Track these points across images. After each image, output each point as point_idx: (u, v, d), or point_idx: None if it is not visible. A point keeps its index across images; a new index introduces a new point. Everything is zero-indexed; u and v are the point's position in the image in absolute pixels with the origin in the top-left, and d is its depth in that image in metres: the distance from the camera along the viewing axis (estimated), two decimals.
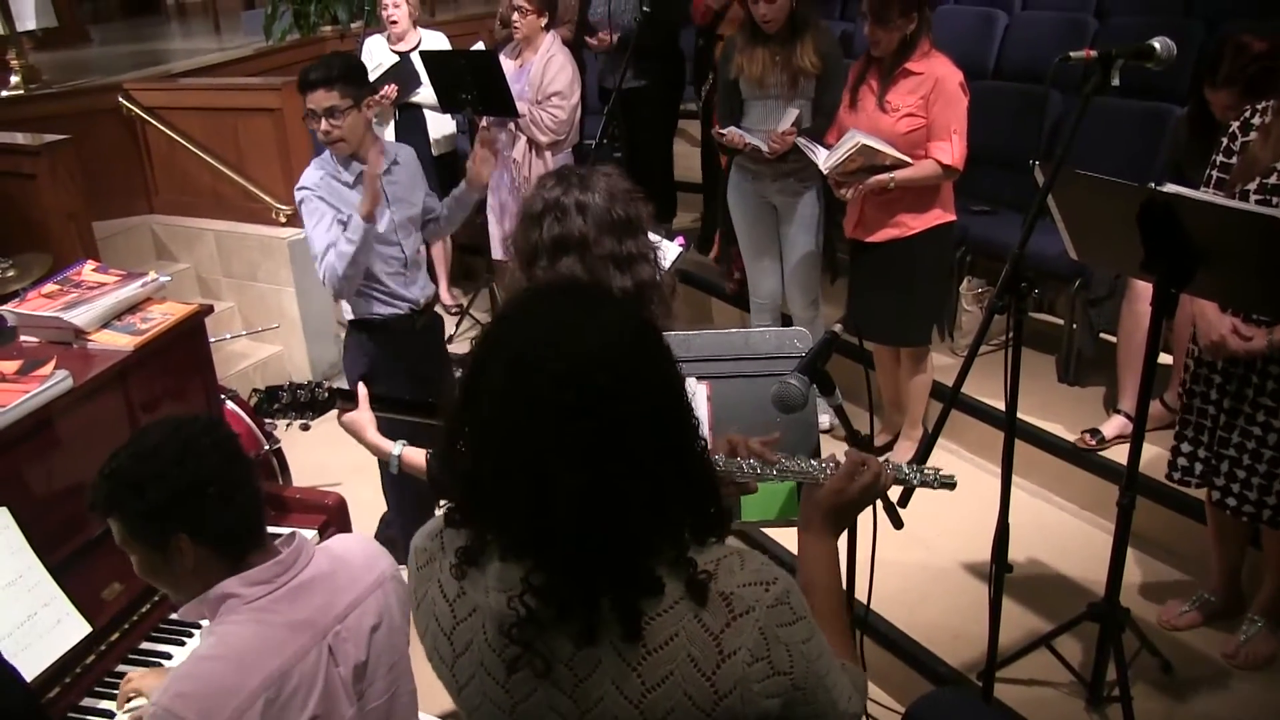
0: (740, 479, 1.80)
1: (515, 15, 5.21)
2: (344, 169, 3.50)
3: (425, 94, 5.51)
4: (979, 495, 3.95)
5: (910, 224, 3.92)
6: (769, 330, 2.36)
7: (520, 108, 5.11)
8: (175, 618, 2.61)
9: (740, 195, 4.58)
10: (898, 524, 2.26)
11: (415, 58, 5.47)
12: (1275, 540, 3.09)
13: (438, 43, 5.78)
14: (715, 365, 2.35)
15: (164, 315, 3.02)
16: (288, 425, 3.24)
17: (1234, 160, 2.87)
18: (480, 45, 6.10)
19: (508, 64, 5.21)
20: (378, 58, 5.70)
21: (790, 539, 3.77)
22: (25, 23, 6.71)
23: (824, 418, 3.60)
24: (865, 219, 4.03)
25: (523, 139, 5.22)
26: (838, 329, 2.21)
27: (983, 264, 4.89)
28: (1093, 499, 3.93)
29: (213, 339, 3.33)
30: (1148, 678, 3.13)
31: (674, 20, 5.81)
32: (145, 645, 2.59)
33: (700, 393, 2.29)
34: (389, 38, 5.70)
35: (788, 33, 4.12)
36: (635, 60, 5.42)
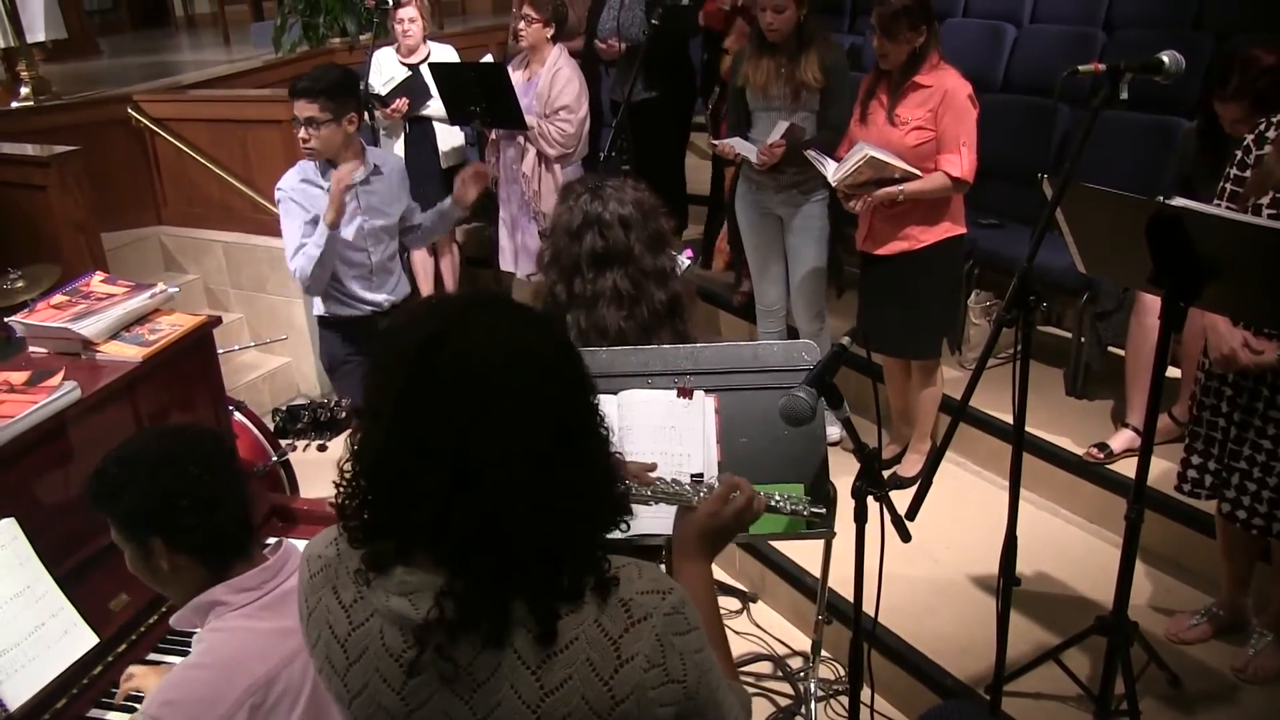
0: None
1: (521, 24, 5.23)
2: (322, 175, 3.70)
3: (434, 106, 5.51)
4: (987, 508, 3.97)
5: (920, 237, 3.92)
6: (777, 343, 2.37)
7: (528, 121, 5.12)
8: (171, 626, 2.61)
9: (746, 206, 4.59)
10: (905, 537, 2.26)
11: (424, 70, 5.48)
12: None
13: (447, 55, 5.79)
14: (723, 378, 2.35)
15: (172, 326, 3.03)
16: (305, 447, 3.29)
17: (1248, 173, 2.87)
18: (489, 57, 6.12)
19: (516, 76, 5.23)
20: (387, 70, 5.70)
21: (797, 550, 3.79)
22: (35, 34, 6.75)
23: (832, 430, 3.61)
24: (875, 232, 4.03)
25: (532, 152, 5.23)
26: (846, 341, 2.20)
27: (991, 277, 4.88)
28: (1100, 512, 3.92)
29: (221, 350, 3.34)
30: (1156, 691, 3.11)
31: (683, 32, 5.80)
32: (152, 656, 2.59)
33: (708, 405, 2.29)
34: (399, 50, 5.71)
35: (794, 45, 4.13)
36: (645, 72, 5.43)
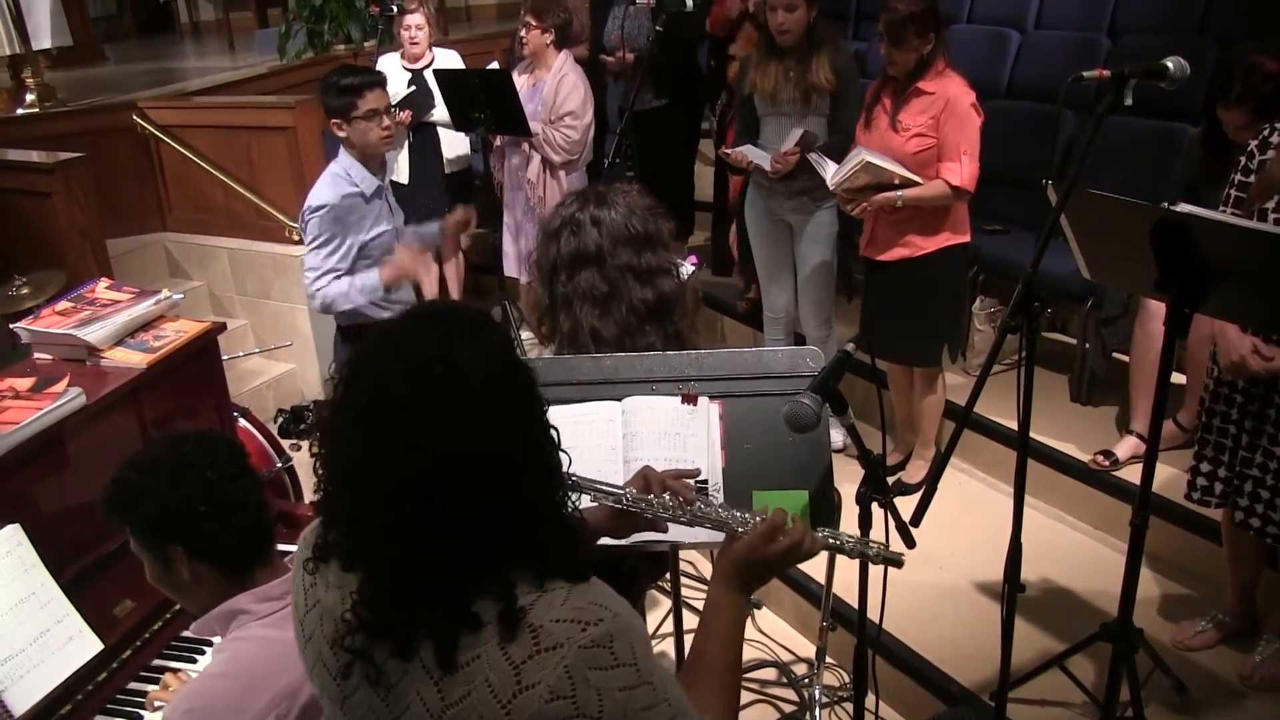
0: (648, 515, 1.74)
1: (523, 31, 5.24)
2: (359, 182, 3.61)
3: (439, 112, 5.52)
4: (991, 514, 3.96)
5: (921, 244, 3.91)
6: (781, 349, 2.36)
7: (533, 127, 5.12)
8: (188, 634, 2.61)
9: (755, 212, 4.58)
10: (909, 543, 2.26)
11: (429, 76, 5.48)
12: None
13: (452, 61, 5.79)
14: (727, 384, 2.35)
15: (177, 333, 3.04)
16: (311, 447, 3.28)
17: (1252, 179, 2.86)
18: (495, 64, 6.12)
19: (521, 83, 5.23)
20: (391, 77, 5.69)
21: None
22: (40, 41, 6.78)
23: (836, 437, 3.59)
24: (876, 238, 4.03)
25: (537, 159, 5.23)
26: (850, 348, 2.20)
27: (995, 283, 4.87)
28: (1105, 518, 3.91)
29: (225, 357, 3.35)
30: (1161, 699, 3.10)
31: (690, 39, 5.80)
32: (157, 663, 2.59)
33: (712, 411, 2.29)
34: (403, 56, 5.72)
35: (804, 48, 4.11)
36: (653, 80, 5.42)
